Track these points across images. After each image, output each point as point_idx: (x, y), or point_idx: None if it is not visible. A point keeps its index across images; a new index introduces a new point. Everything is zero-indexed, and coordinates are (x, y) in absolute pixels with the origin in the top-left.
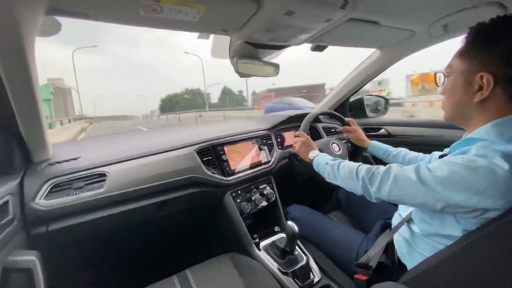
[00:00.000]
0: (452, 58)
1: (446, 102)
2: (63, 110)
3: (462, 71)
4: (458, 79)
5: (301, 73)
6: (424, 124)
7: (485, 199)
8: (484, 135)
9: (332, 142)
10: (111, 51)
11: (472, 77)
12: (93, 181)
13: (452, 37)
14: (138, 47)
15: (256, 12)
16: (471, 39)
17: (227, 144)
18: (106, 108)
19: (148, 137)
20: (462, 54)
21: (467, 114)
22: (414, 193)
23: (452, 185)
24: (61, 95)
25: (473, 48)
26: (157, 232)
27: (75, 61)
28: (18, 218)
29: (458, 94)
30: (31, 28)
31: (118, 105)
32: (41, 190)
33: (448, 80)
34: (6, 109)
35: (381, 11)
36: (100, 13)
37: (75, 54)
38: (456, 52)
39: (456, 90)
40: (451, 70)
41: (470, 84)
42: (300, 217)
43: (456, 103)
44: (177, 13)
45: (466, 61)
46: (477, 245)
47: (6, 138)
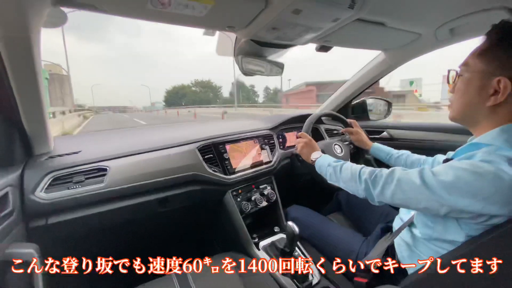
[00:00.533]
0: (469, 57)
1: (455, 101)
2: (60, 98)
3: (478, 71)
4: (473, 80)
5: (308, 70)
6: (426, 128)
7: (490, 205)
8: (490, 141)
9: (334, 144)
10: (113, 40)
11: (488, 79)
12: (93, 175)
13: (459, 41)
14: (140, 37)
15: (264, 9)
16: (493, 39)
17: (229, 143)
18: (106, 98)
19: (150, 133)
20: (480, 54)
21: (476, 117)
22: (418, 197)
23: (457, 190)
24: (58, 82)
25: (494, 49)
26: (157, 229)
27: (75, 50)
28: (17, 210)
29: (470, 95)
30: (37, 19)
31: (118, 95)
32: (41, 183)
33: (461, 79)
34: (10, 101)
35: (388, 13)
36: (106, 5)
37: (76, 43)
38: (474, 50)
39: (469, 91)
40: (467, 69)
41: (485, 86)
42: (300, 218)
43: (467, 104)
44: (185, 7)
45: (484, 62)
46: (480, 251)
47: (8, 129)
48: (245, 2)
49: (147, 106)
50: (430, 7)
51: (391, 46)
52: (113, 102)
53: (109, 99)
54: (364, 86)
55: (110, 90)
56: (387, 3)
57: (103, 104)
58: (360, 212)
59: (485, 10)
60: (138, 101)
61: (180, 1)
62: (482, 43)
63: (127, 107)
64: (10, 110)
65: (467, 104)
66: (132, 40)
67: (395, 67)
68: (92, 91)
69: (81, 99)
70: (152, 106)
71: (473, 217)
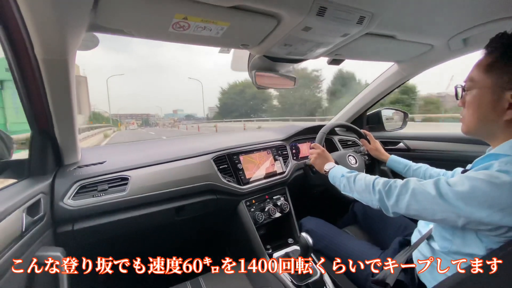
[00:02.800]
0: (473, 71)
1: (468, 116)
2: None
3: (488, 87)
4: (484, 95)
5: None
6: (445, 139)
7: (509, 216)
8: (508, 151)
9: (348, 155)
10: (135, 51)
11: (500, 94)
12: (116, 184)
13: (473, 51)
14: (162, 47)
15: (275, 27)
16: (501, 53)
17: (242, 153)
18: (127, 106)
19: (168, 144)
20: (488, 68)
21: (492, 131)
22: (433, 208)
23: (474, 200)
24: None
25: (503, 63)
26: (173, 237)
27: (100, 60)
28: (47, 216)
29: (484, 111)
30: (74, 43)
31: (140, 103)
32: (69, 191)
33: (470, 94)
34: (46, 115)
35: (398, 26)
36: (134, 30)
37: (101, 51)
38: (477, 65)
39: (482, 106)
40: (474, 85)
41: (499, 101)
42: (314, 229)
43: (481, 120)
44: (202, 29)
45: (493, 77)
46: (501, 265)
47: (43, 142)
48: (258, 22)
49: (168, 114)
50: (441, 20)
51: (403, 58)
52: (135, 110)
53: (130, 107)
54: (378, 97)
55: (133, 98)
56: (396, 17)
57: (125, 112)
58: (377, 224)
59: (499, 20)
60: (160, 109)
61: (198, 24)
62: (485, 57)
63: (150, 115)
64: (46, 124)
65: (482, 119)
66: (154, 50)
67: (410, 77)
68: (108, 99)
69: (100, 107)
70: (174, 114)
71: (492, 229)
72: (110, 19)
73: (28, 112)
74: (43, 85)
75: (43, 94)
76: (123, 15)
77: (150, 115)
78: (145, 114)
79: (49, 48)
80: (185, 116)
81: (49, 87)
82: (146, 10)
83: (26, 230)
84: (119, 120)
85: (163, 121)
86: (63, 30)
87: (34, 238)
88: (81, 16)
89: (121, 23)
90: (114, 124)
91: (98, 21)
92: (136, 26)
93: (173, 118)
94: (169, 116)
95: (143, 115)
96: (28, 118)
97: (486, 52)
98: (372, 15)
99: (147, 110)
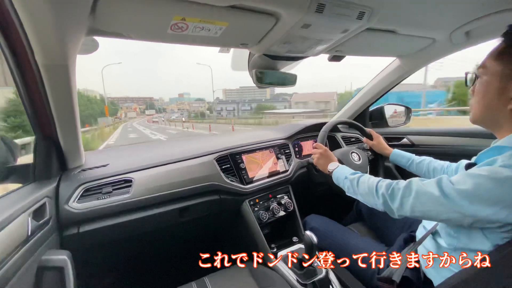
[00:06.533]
0: (487, 58)
1: (475, 104)
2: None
3: (497, 74)
4: (492, 82)
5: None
6: (449, 133)
7: None
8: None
9: (351, 152)
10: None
11: (507, 82)
12: (120, 186)
13: (475, 44)
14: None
15: (274, 26)
16: (509, 41)
17: (245, 153)
18: (129, 88)
19: (170, 145)
20: (499, 56)
21: (497, 120)
22: (438, 209)
23: (478, 198)
24: None
25: (511, 51)
26: (177, 238)
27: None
28: (53, 219)
29: (489, 98)
30: (74, 47)
31: (141, 86)
32: (74, 194)
33: (480, 81)
34: (49, 120)
35: (398, 20)
36: (132, 33)
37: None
38: (491, 52)
39: (489, 93)
40: (485, 72)
41: (505, 89)
42: (319, 227)
43: (487, 107)
44: (201, 30)
45: (502, 64)
46: (508, 261)
47: (47, 147)
48: (257, 20)
49: (174, 98)
50: (442, 13)
51: (404, 52)
52: (137, 93)
53: (132, 89)
54: (380, 92)
55: (134, 81)
56: (397, 12)
57: (127, 95)
58: (382, 222)
59: (501, 12)
60: (164, 93)
61: (197, 25)
62: (498, 45)
63: (153, 99)
64: (49, 129)
65: (487, 107)
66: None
67: (411, 72)
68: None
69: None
70: (180, 98)
71: (499, 227)
72: (108, 23)
73: (31, 118)
74: (45, 91)
75: (45, 99)
76: (121, 19)
77: (153, 99)
78: (148, 98)
79: (49, 53)
80: (195, 100)
81: (51, 92)
82: (144, 13)
83: (32, 234)
84: (118, 105)
85: (171, 107)
86: (62, 35)
87: (40, 242)
88: (79, 20)
89: (120, 27)
90: (112, 112)
91: (97, 25)
92: (135, 29)
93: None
94: (174, 101)
95: (146, 98)
96: (31, 124)
97: (500, 40)
98: (371, 10)
99: (155, 95)
